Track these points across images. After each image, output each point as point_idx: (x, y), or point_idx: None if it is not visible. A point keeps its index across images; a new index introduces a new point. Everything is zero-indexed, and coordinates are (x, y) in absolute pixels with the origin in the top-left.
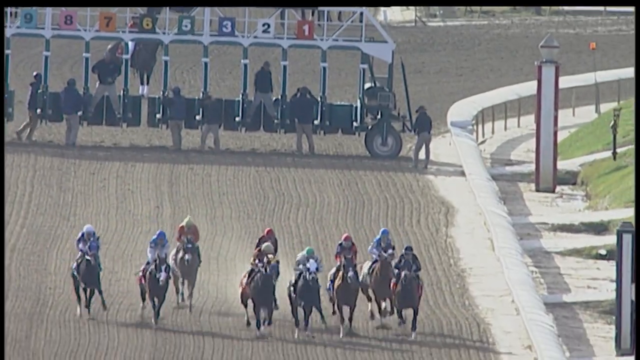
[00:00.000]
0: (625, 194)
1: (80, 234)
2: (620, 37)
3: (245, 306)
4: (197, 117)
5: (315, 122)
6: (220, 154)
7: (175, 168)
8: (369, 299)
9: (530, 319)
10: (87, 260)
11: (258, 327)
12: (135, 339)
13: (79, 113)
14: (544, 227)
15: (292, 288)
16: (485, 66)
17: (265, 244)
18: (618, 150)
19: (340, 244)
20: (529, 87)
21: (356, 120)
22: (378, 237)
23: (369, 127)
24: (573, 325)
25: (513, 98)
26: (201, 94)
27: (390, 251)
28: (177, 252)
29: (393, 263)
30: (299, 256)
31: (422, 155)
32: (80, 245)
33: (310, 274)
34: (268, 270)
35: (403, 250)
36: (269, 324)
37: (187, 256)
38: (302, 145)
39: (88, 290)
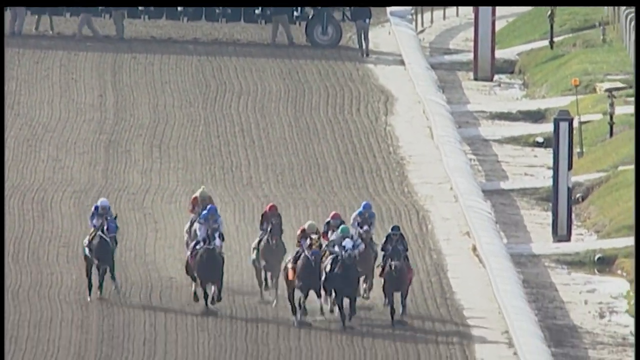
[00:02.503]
0: (562, 82)
1: (93, 208)
2: None
3: (292, 295)
4: (140, 8)
5: (257, 11)
6: (163, 43)
7: (118, 57)
8: None
9: (469, 206)
10: (100, 236)
11: (305, 313)
12: (79, 225)
13: None
14: (482, 115)
15: (325, 273)
16: None
17: (309, 222)
18: (555, 39)
19: (328, 222)
20: None
21: (297, 10)
22: (360, 209)
23: (310, 16)
24: (510, 212)
25: None
26: None
27: (365, 227)
28: (192, 225)
29: (379, 245)
30: (333, 236)
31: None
32: (95, 221)
33: (346, 251)
34: (310, 256)
35: (390, 230)
36: (322, 312)
37: None
38: (277, 37)
39: (100, 269)
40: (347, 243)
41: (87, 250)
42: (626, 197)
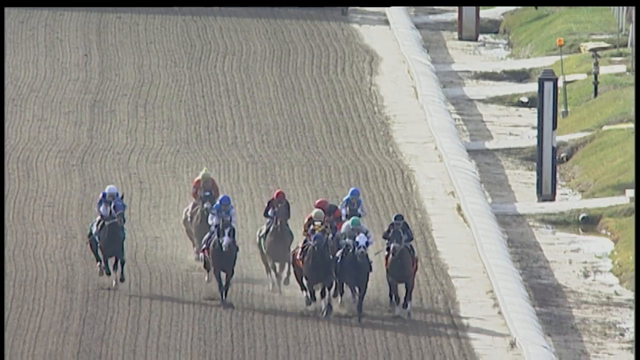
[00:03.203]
0: (547, 42)
1: (101, 195)
2: None
3: (301, 284)
4: None
5: None
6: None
7: (103, 17)
8: None
9: (453, 166)
10: (109, 225)
11: (313, 300)
12: (64, 184)
13: None
14: (466, 75)
15: (336, 263)
16: None
17: (315, 210)
18: None
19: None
20: None
21: None
22: (347, 196)
23: None
24: (495, 171)
25: None
26: None
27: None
28: (194, 208)
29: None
30: (343, 228)
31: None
32: (102, 209)
33: (359, 248)
34: (312, 241)
35: (392, 219)
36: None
37: (206, 211)
38: None
39: (109, 258)
40: (361, 239)
41: (95, 238)
42: (610, 156)
